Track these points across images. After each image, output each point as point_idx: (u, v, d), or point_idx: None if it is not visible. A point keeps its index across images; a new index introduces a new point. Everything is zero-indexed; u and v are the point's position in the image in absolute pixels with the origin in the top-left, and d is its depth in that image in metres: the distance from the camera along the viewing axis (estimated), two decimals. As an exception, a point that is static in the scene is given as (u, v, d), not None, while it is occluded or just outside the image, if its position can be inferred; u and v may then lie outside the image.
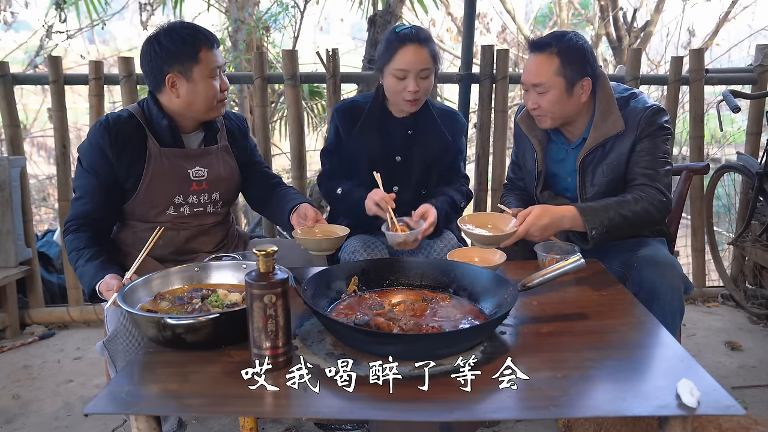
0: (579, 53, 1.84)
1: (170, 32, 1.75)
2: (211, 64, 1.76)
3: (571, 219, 1.75)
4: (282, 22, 4.93)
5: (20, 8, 5.47)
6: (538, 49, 1.85)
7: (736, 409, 1.04)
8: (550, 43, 1.83)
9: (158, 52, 1.74)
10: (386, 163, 2.11)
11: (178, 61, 1.73)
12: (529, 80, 1.86)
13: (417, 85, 1.97)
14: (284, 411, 1.16)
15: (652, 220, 1.83)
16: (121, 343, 1.51)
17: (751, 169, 3.00)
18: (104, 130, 1.76)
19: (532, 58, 1.86)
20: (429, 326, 1.33)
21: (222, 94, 1.82)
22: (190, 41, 1.73)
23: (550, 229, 1.72)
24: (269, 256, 1.18)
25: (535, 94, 1.86)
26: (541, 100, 1.86)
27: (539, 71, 1.84)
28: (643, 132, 1.85)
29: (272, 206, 2.02)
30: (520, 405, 1.09)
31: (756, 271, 3.23)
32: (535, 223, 1.68)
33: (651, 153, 1.85)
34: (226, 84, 1.83)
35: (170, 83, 1.76)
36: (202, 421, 2.16)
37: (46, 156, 6.58)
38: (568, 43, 1.83)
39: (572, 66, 1.83)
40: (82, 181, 1.78)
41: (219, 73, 1.80)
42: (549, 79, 1.83)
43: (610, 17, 6.01)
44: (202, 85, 1.76)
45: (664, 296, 1.72)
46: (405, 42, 1.94)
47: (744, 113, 3.37)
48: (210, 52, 1.76)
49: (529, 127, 2.03)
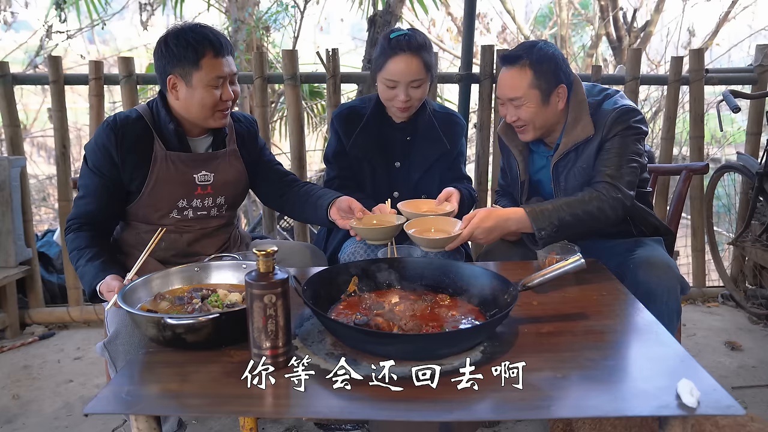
0: (551, 62, 1.82)
1: (178, 34, 1.72)
2: (213, 72, 1.72)
3: (517, 221, 1.73)
4: (282, 22, 4.93)
5: (20, 8, 5.48)
6: (509, 62, 1.83)
7: (736, 409, 1.04)
8: (521, 56, 1.81)
9: (163, 52, 1.73)
10: (386, 168, 2.10)
11: (179, 64, 1.71)
12: (505, 95, 1.85)
13: (407, 94, 1.96)
14: (284, 411, 1.16)
15: (606, 218, 1.78)
16: (122, 344, 1.51)
17: (751, 169, 3.00)
18: (111, 130, 1.74)
19: (505, 72, 1.85)
20: (429, 326, 1.33)
21: (224, 103, 1.77)
22: (193, 46, 1.69)
23: (495, 231, 1.72)
24: (269, 256, 1.18)
25: (513, 107, 1.86)
26: (519, 113, 1.85)
27: (513, 85, 1.82)
28: (609, 132, 1.83)
29: (299, 205, 1.99)
30: (520, 405, 1.09)
31: (756, 271, 3.23)
32: (479, 225, 1.68)
33: (617, 152, 1.82)
34: (230, 94, 1.76)
35: (171, 84, 1.75)
36: (202, 421, 2.16)
37: (46, 156, 6.59)
38: (539, 53, 1.81)
39: (545, 76, 1.81)
40: (87, 181, 1.78)
41: (223, 83, 1.75)
42: (524, 92, 1.82)
43: (610, 17, 6.01)
44: (200, 92, 1.73)
45: (660, 297, 1.71)
46: (396, 51, 1.92)
47: (744, 113, 3.37)
48: (215, 59, 1.71)
49: (509, 138, 2.02)
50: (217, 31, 1.78)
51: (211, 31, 1.75)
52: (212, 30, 1.76)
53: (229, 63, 1.76)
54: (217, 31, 1.78)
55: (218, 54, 1.72)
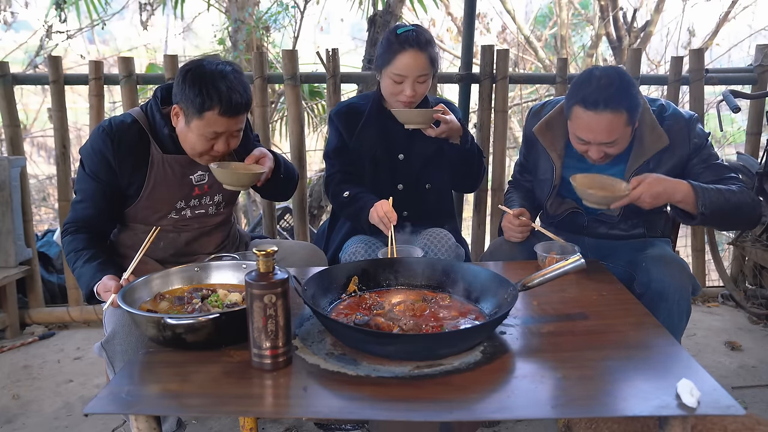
0: (637, 98, 1.76)
1: (198, 74, 1.65)
2: (212, 127, 1.67)
3: (683, 193, 1.73)
4: (282, 22, 4.93)
5: (20, 8, 5.48)
6: (601, 107, 1.71)
7: (736, 409, 1.04)
8: (615, 101, 1.71)
9: (179, 82, 1.68)
10: (389, 162, 2.11)
11: (185, 102, 1.67)
12: (597, 139, 1.76)
13: (414, 89, 1.98)
14: (284, 411, 1.16)
15: (749, 215, 1.81)
16: (119, 343, 1.51)
17: (751, 169, 3.00)
18: (106, 136, 1.73)
19: (595, 116, 1.72)
20: (429, 326, 1.33)
21: (215, 151, 1.73)
22: (203, 96, 1.63)
23: (662, 197, 1.72)
24: (269, 256, 1.18)
25: (601, 146, 1.79)
26: (609, 150, 1.80)
27: (610, 130, 1.74)
28: (694, 144, 1.86)
29: None
30: (520, 405, 1.09)
31: (756, 271, 3.23)
32: (650, 189, 1.69)
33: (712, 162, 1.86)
34: (223, 148, 1.72)
35: (174, 111, 1.73)
36: (202, 421, 2.16)
37: (46, 156, 6.59)
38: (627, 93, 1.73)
39: (636, 109, 1.77)
40: (84, 185, 1.78)
41: (221, 137, 1.70)
42: (620, 134, 1.76)
43: (610, 17, 6.02)
44: (195, 136, 1.70)
45: (672, 296, 1.71)
46: (405, 47, 1.94)
47: (744, 113, 3.36)
48: (220, 117, 1.65)
49: (548, 140, 1.98)
50: (240, 86, 1.67)
51: (230, 86, 1.65)
52: (233, 84, 1.66)
53: (236, 122, 1.70)
54: (240, 86, 1.67)
55: (225, 113, 1.65)
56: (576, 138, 1.83)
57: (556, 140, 1.97)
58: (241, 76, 1.69)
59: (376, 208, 1.89)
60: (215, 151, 1.73)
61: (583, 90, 1.74)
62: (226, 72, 1.66)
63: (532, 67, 6.57)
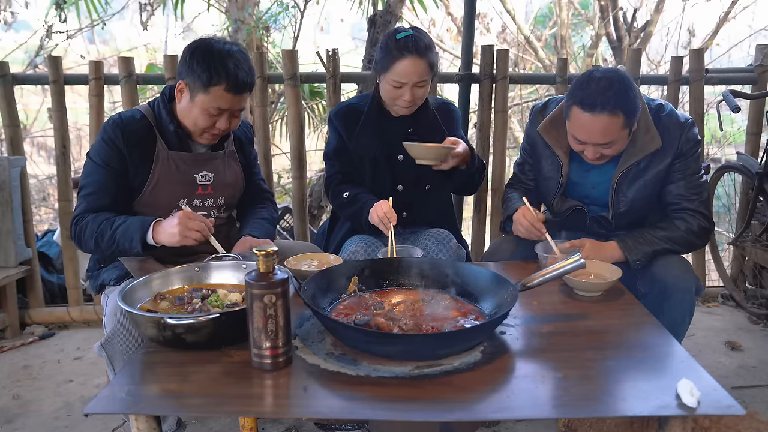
0: (636, 100, 1.76)
1: (206, 50, 1.71)
2: (217, 102, 1.73)
3: (616, 258, 1.82)
4: (282, 22, 4.93)
5: (20, 8, 5.48)
6: (598, 109, 1.72)
7: (736, 409, 1.04)
8: (612, 104, 1.71)
9: (186, 58, 1.74)
10: (389, 163, 2.11)
11: (191, 78, 1.73)
12: (593, 140, 1.78)
13: (413, 95, 1.97)
14: (284, 411, 1.16)
15: (685, 249, 1.91)
16: (119, 343, 1.51)
17: (751, 169, 3.00)
18: (117, 126, 1.78)
19: (591, 117, 1.73)
20: (429, 326, 1.33)
21: (216, 129, 1.79)
22: (211, 71, 1.69)
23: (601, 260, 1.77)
24: (269, 256, 1.18)
25: (598, 147, 1.80)
26: (605, 152, 1.82)
27: (606, 131, 1.75)
28: (682, 149, 1.87)
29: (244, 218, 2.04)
30: (520, 405, 1.09)
31: (756, 271, 3.23)
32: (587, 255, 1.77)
33: (693, 171, 1.89)
34: (225, 125, 1.78)
35: (179, 87, 1.77)
36: (202, 421, 2.16)
37: (46, 156, 6.59)
38: (625, 95, 1.73)
39: (634, 113, 1.77)
40: (95, 178, 1.79)
41: (224, 114, 1.76)
42: (617, 135, 1.77)
43: (610, 17, 6.02)
44: (198, 111, 1.75)
45: (675, 296, 1.72)
46: (404, 53, 1.92)
47: (744, 113, 3.36)
48: (226, 93, 1.71)
49: (554, 138, 1.98)
50: (246, 65, 1.74)
51: (237, 64, 1.71)
52: (240, 62, 1.73)
53: (240, 100, 1.76)
54: (246, 65, 1.74)
55: (231, 90, 1.71)
56: (573, 138, 1.84)
57: (562, 138, 1.96)
58: (246, 57, 1.76)
59: (375, 209, 1.89)
60: (216, 128, 1.79)
61: (582, 91, 1.75)
62: (233, 51, 1.74)
63: (532, 67, 6.57)
